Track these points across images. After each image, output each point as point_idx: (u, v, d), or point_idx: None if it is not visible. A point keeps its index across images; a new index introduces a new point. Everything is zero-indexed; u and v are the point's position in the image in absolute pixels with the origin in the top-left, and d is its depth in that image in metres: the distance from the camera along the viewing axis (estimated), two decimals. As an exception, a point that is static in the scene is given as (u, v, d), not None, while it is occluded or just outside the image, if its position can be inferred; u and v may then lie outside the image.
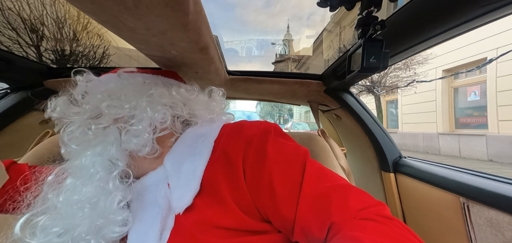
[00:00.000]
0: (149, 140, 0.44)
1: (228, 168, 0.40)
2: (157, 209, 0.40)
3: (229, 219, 0.37)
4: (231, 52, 28.96)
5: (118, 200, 0.39)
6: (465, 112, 6.71)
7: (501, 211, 0.59)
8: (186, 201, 0.38)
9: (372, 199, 0.37)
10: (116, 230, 0.38)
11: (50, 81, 0.94)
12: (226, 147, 0.42)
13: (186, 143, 0.47)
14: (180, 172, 0.42)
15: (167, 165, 0.44)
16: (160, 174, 0.44)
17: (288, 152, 0.41)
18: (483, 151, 5.90)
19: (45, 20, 4.19)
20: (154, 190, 0.43)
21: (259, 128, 0.44)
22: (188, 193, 0.38)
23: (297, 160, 0.40)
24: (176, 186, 0.40)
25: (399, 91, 7.86)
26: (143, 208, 0.42)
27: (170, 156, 0.45)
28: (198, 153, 0.43)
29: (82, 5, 0.35)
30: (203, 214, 0.38)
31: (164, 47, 0.49)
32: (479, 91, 6.24)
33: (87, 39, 4.89)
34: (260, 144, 0.41)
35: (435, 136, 7.26)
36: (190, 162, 0.42)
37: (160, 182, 0.43)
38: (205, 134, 0.46)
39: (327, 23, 10.84)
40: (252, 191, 0.39)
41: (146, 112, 0.45)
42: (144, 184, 0.45)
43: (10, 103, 0.92)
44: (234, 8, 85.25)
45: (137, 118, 0.44)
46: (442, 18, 0.53)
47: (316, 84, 1.09)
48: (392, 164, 1.04)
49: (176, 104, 0.50)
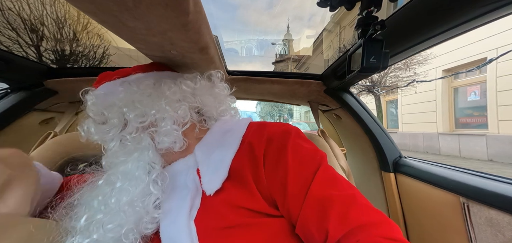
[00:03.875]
0: (179, 136, 0.49)
1: (252, 160, 0.45)
2: (186, 191, 0.46)
3: (251, 201, 0.42)
4: (231, 52, 28.96)
5: (154, 199, 0.44)
6: (465, 112, 6.71)
7: (501, 211, 0.59)
8: (216, 184, 0.43)
9: (379, 215, 0.36)
10: (149, 226, 0.43)
11: (50, 81, 0.94)
12: (251, 141, 0.47)
13: (215, 137, 0.52)
14: (209, 160, 0.47)
15: (197, 154, 0.50)
16: (190, 161, 0.50)
17: (305, 154, 0.44)
18: (483, 151, 5.90)
19: (45, 20, 4.19)
20: (184, 175, 0.48)
21: (280, 128, 0.48)
22: (218, 178, 0.44)
23: (312, 162, 0.43)
24: (206, 172, 0.46)
25: (399, 91, 7.86)
26: (175, 190, 0.47)
27: (200, 146, 0.51)
28: (226, 145, 0.48)
29: (82, 5, 0.35)
30: (230, 194, 0.43)
31: (164, 47, 0.49)
32: (479, 91, 6.24)
33: (87, 39, 4.89)
34: (280, 143, 0.45)
35: (435, 136, 7.26)
36: (219, 152, 0.48)
37: (189, 168, 0.49)
38: (232, 129, 0.52)
39: (327, 23, 10.85)
40: (268, 180, 0.43)
41: (166, 112, 0.49)
42: (175, 169, 0.50)
43: (10, 103, 0.92)
44: (236, 9, 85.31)
45: (162, 120, 0.49)
46: (442, 18, 0.53)
47: (316, 84, 1.09)
48: (392, 164, 1.04)
49: (187, 96, 0.54)
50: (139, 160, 0.46)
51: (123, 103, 0.49)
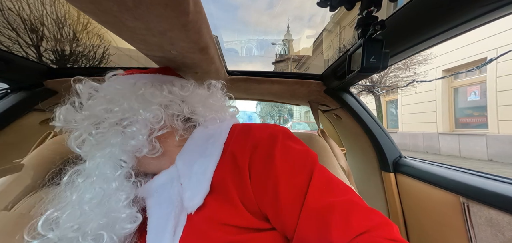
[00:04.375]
0: (144, 141, 0.45)
1: (236, 170, 0.41)
2: (171, 207, 0.42)
3: (236, 217, 0.39)
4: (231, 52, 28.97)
5: (123, 198, 0.42)
6: (465, 112, 6.71)
7: (501, 211, 0.59)
8: (197, 201, 0.40)
9: (379, 217, 0.35)
10: (126, 226, 0.41)
11: (50, 81, 0.94)
12: (234, 149, 0.43)
13: (197, 144, 0.48)
14: (191, 172, 0.44)
15: (179, 164, 0.46)
16: (173, 173, 0.46)
17: (296, 159, 0.41)
18: (483, 151, 5.90)
19: (45, 20, 4.19)
20: (169, 188, 0.45)
21: (266, 132, 0.44)
22: (199, 194, 0.41)
23: (304, 167, 0.40)
24: (188, 186, 0.42)
25: (399, 91, 7.86)
26: (159, 205, 0.44)
27: (182, 156, 0.47)
28: (208, 154, 0.44)
29: (82, 5, 0.35)
30: (213, 212, 0.40)
31: (164, 47, 0.49)
32: (479, 91, 6.24)
33: (87, 39, 4.89)
34: (267, 149, 0.41)
35: (435, 136, 7.26)
36: (200, 163, 0.44)
37: (173, 180, 0.45)
38: (214, 135, 0.48)
39: (327, 23, 10.85)
40: (256, 194, 0.40)
41: (139, 114, 0.46)
42: (158, 182, 0.47)
43: (10, 103, 0.92)
44: (237, 10, 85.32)
45: (130, 120, 0.46)
46: (442, 18, 0.53)
47: (316, 84, 1.09)
48: (392, 164, 1.04)
49: (173, 102, 0.50)
50: (106, 156, 0.44)
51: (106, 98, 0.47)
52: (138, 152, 0.46)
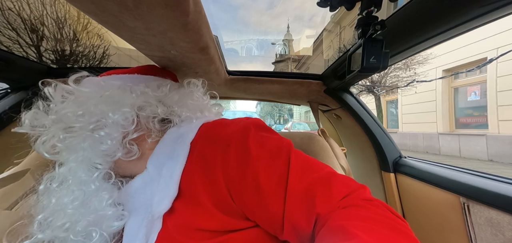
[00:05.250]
0: (117, 145, 0.44)
1: (206, 171, 0.39)
2: (144, 214, 0.41)
3: (208, 221, 0.38)
4: (231, 52, 28.97)
5: (106, 198, 0.41)
6: (465, 112, 6.71)
7: (501, 211, 0.59)
8: (164, 206, 0.38)
9: (354, 183, 0.38)
10: (114, 224, 0.40)
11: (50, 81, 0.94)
12: (203, 149, 0.41)
13: (166, 145, 0.46)
14: (160, 175, 0.42)
15: (149, 168, 0.44)
16: (146, 177, 0.44)
17: (271, 147, 0.40)
18: (483, 151, 5.90)
19: (45, 20, 4.19)
20: (143, 193, 0.43)
21: (237, 126, 0.43)
22: (166, 198, 0.39)
23: (281, 153, 0.39)
24: (156, 190, 0.40)
25: (399, 91, 7.86)
26: (135, 211, 0.42)
27: (152, 159, 0.45)
28: (175, 156, 0.42)
29: (82, 5, 0.35)
30: (182, 217, 0.38)
31: (164, 47, 0.49)
32: (479, 91, 6.24)
33: (87, 39, 4.89)
34: (240, 144, 0.40)
35: (435, 136, 7.26)
36: (168, 165, 0.42)
37: (146, 184, 0.43)
38: (183, 135, 0.45)
39: (327, 23, 10.85)
40: (235, 193, 0.38)
41: (108, 117, 0.43)
42: (133, 187, 0.45)
43: (10, 103, 0.92)
44: (237, 10, 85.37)
45: (99, 124, 0.44)
46: (442, 18, 0.53)
47: (316, 84, 1.09)
48: (392, 164, 1.04)
49: (147, 102, 0.47)
50: (80, 160, 0.42)
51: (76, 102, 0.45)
52: (111, 156, 0.44)
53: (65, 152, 0.44)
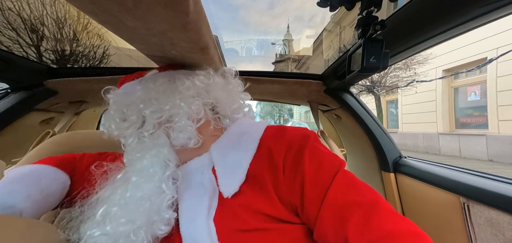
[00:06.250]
0: (193, 132, 0.49)
1: (271, 165, 0.44)
2: (203, 189, 0.46)
3: (270, 207, 0.42)
4: (231, 52, 28.98)
5: (168, 198, 0.45)
6: (465, 112, 6.71)
7: (501, 211, 0.59)
8: (234, 187, 0.43)
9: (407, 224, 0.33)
10: (162, 228, 0.43)
11: (50, 81, 0.94)
12: (270, 145, 0.47)
13: (231, 138, 0.52)
14: (225, 161, 0.47)
15: (213, 152, 0.50)
16: (205, 160, 0.50)
17: (322, 158, 0.43)
18: (483, 151, 5.90)
19: (45, 20, 4.19)
20: (200, 174, 0.49)
21: (300, 132, 0.48)
22: (235, 181, 0.44)
23: (330, 167, 0.42)
24: (223, 173, 0.46)
25: (399, 91, 7.86)
26: (191, 188, 0.47)
27: (216, 145, 0.51)
28: (243, 147, 0.48)
29: (82, 5, 0.35)
30: (248, 198, 0.43)
31: (164, 47, 0.49)
32: (479, 91, 6.24)
33: (87, 39, 4.89)
34: (299, 148, 0.44)
35: (435, 136, 7.26)
36: (235, 154, 0.48)
37: (204, 167, 0.49)
38: (249, 132, 0.51)
39: (327, 23, 10.85)
40: (288, 188, 0.42)
41: (181, 108, 0.49)
42: (191, 167, 0.50)
43: (10, 103, 0.92)
44: (238, 10, 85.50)
45: (177, 115, 0.49)
46: (442, 18, 0.53)
47: (316, 84, 1.09)
48: (392, 164, 1.04)
49: (201, 92, 0.53)
50: (155, 157, 0.47)
51: (140, 100, 0.50)
52: (186, 144, 0.49)
53: (143, 148, 0.48)
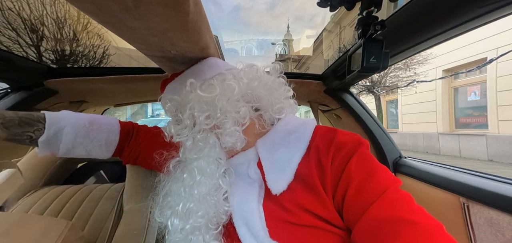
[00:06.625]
0: (241, 136, 0.50)
1: (320, 167, 0.44)
2: (250, 180, 0.49)
3: (319, 207, 0.42)
4: (231, 52, 28.97)
5: (224, 192, 0.48)
6: (465, 112, 6.71)
7: (501, 211, 0.59)
8: (283, 185, 0.44)
9: None
10: (223, 217, 0.47)
11: (50, 81, 0.94)
12: (319, 146, 0.46)
13: (278, 135, 0.52)
14: (273, 158, 0.48)
15: (260, 149, 0.51)
16: (251, 155, 0.52)
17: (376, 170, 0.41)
18: (483, 151, 5.90)
19: (45, 20, 4.19)
20: (246, 167, 0.51)
21: (352, 137, 0.46)
22: (284, 179, 0.45)
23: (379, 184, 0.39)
24: (270, 169, 0.47)
25: (399, 91, 7.86)
26: (239, 179, 0.50)
27: (263, 142, 0.52)
28: (292, 147, 0.48)
29: (82, 5, 0.35)
30: (296, 195, 0.44)
31: (164, 47, 0.49)
32: (479, 91, 6.24)
33: (87, 39, 4.89)
34: (348, 151, 0.43)
35: (435, 136, 7.26)
36: (283, 152, 0.48)
37: (250, 161, 0.51)
38: (297, 131, 0.51)
39: (327, 23, 10.85)
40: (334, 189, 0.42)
41: (229, 113, 0.50)
42: (237, 161, 0.53)
43: (10, 103, 0.92)
44: (238, 10, 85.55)
45: (225, 120, 0.50)
46: (442, 18, 0.53)
47: (316, 84, 1.09)
48: (392, 164, 1.04)
49: (245, 93, 0.54)
50: (209, 156, 0.49)
51: (192, 104, 0.52)
52: (234, 147, 0.50)
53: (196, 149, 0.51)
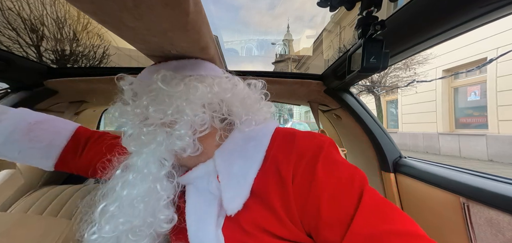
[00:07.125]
0: (191, 142, 0.45)
1: (278, 179, 0.40)
2: (211, 196, 0.44)
3: (278, 227, 0.38)
4: (231, 52, 28.98)
5: (163, 199, 0.43)
6: (465, 112, 6.71)
7: (501, 211, 0.59)
8: (237, 204, 0.40)
9: None
10: (164, 226, 0.43)
11: (50, 81, 0.94)
12: (277, 157, 0.42)
13: (237, 144, 0.47)
14: (230, 171, 0.43)
15: (217, 160, 0.46)
16: (210, 166, 0.46)
17: (342, 176, 0.38)
18: (483, 151, 5.90)
19: (45, 20, 4.19)
20: (206, 181, 0.46)
21: (312, 141, 0.43)
22: (239, 197, 0.40)
23: (352, 187, 0.37)
24: (227, 185, 0.42)
25: (399, 91, 7.86)
26: (198, 193, 0.46)
27: (220, 152, 0.47)
28: (249, 157, 0.44)
29: (82, 5, 0.34)
30: (255, 215, 0.40)
31: (164, 47, 0.49)
32: (479, 91, 6.24)
33: (87, 39, 4.89)
34: (311, 161, 0.39)
35: (435, 136, 7.26)
36: (241, 165, 0.43)
37: (210, 175, 0.46)
38: (255, 138, 0.47)
39: (327, 23, 10.85)
40: (298, 206, 0.38)
41: (186, 115, 0.45)
42: (196, 174, 0.47)
43: (10, 103, 0.92)
44: (238, 10, 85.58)
45: (179, 122, 0.45)
46: (442, 18, 0.53)
47: (316, 84, 1.09)
48: (392, 164, 1.04)
49: (214, 101, 0.48)
50: (151, 155, 0.44)
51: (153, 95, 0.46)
52: (182, 153, 0.45)
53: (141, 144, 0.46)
